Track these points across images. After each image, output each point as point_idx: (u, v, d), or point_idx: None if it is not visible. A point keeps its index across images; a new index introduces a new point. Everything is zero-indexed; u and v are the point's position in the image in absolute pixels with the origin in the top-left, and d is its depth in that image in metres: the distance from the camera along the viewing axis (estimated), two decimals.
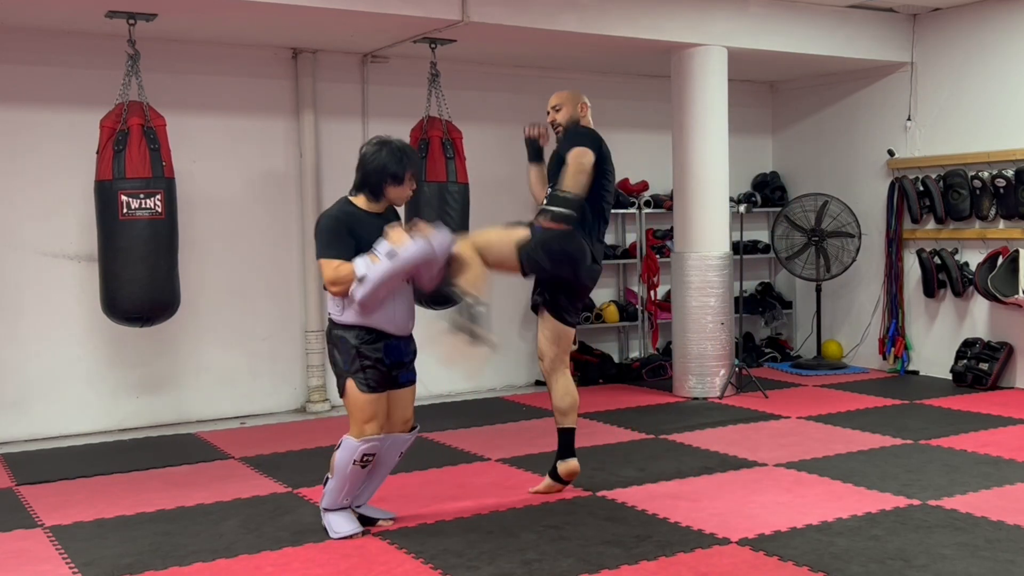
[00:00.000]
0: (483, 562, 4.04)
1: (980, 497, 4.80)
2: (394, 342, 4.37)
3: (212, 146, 7.13)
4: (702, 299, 7.60)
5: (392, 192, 4.37)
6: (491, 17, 6.48)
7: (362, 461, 4.33)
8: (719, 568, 3.93)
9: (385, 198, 4.37)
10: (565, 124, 5.08)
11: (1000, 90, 7.77)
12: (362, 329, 4.28)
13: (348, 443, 4.32)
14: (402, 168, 4.33)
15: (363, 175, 4.36)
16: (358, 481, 4.40)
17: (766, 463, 5.57)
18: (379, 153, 4.33)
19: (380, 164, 4.31)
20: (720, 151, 7.64)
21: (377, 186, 4.34)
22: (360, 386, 4.29)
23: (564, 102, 5.11)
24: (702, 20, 7.41)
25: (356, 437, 4.31)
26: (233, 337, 7.30)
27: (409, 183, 4.39)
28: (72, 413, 6.76)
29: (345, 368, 4.30)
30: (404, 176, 4.34)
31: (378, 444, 4.34)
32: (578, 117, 5.09)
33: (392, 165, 4.31)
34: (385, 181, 4.32)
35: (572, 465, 4.97)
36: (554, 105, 5.13)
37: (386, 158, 4.31)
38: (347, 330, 4.28)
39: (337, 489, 4.37)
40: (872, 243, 8.69)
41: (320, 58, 7.51)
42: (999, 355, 7.70)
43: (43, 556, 4.28)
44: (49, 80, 6.65)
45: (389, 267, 4.17)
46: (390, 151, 4.33)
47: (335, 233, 4.26)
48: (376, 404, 4.32)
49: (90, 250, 6.39)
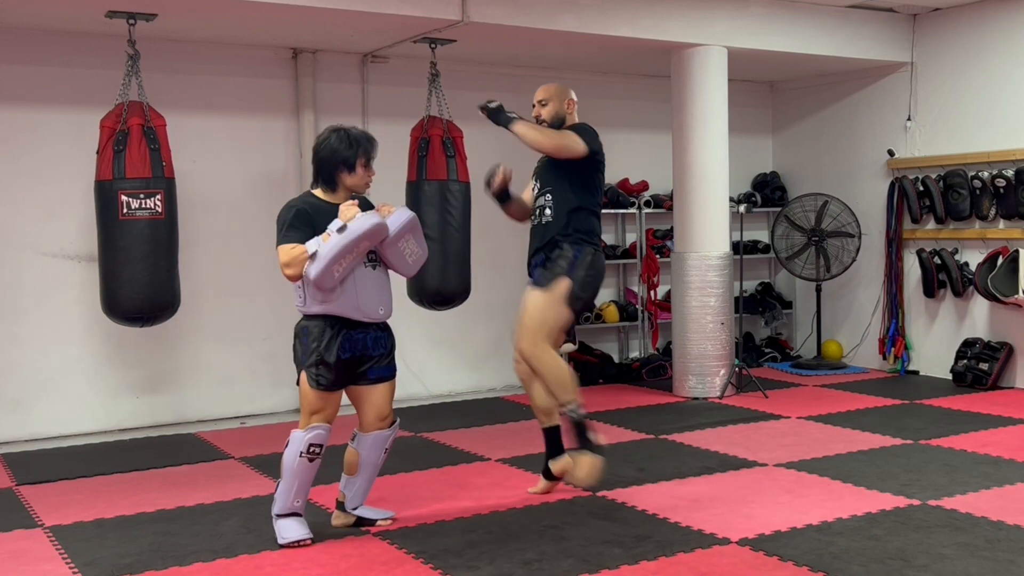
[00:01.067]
0: (483, 562, 4.04)
1: (980, 497, 4.80)
2: (359, 334, 4.30)
3: (212, 146, 7.13)
4: (702, 299, 7.60)
5: (347, 180, 4.32)
6: (491, 17, 6.48)
7: (309, 453, 4.27)
8: (719, 568, 3.93)
9: (342, 186, 4.33)
10: (550, 120, 4.91)
11: (1000, 90, 7.77)
12: (325, 320, 4.24)
13: (294, 435, 4.30)
14: (352, 153, 4.28)
15: (316, 164, 4.35)
16: (307, 478, 4.34)
17: (766, 463, 5.57)
18: (328, 140, 4.31)
19: (330, 151, 4.29)
20: (720, 151, 7.64)
21: (330, 175, 4.31)
22: (311, 381, 4.26)
23: (551, 97, 4.94)
24: (702, 20, 7.41)
25: (302, 428, 4.29)
26: (233, 337, 7.30)
27: (364, 170, 4.33)
28: (72, 413, 6.76)
29: (302, 360, 4.28)
30: (355, 162, 4.29)
31: (323, 434, 4.30)
32: (564, 114, 4.94)
33: (342, 151, 4.27)
34: (337, 169, 4.29)
35: (565, 462, 4.85)
36: (540, 99, 4.96)
37: (335, 143, 4.28)
38: (311, 320, 4.27)
39: (287, 489, 4.31)
40: (872, 243, 8.69)
41: (320, 58, 7.51)
42: (999, 355, 7.70)
43: (43, 556, 4.28)
44: (49, 80, 6.65)
45: (339, 241, 4.11)
46: (339, 138, 4.29)
47: (293, 220, 4.23)
48: (325, 400, 4.30)
49: (90, 250, 6.40)
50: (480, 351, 8.26)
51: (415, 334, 7.93)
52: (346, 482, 4.54)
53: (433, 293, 6.74)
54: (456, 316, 7.73)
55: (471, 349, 8.18)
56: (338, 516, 4.60)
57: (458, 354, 8.14)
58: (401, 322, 7.90)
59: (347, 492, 4.55)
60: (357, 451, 4.48)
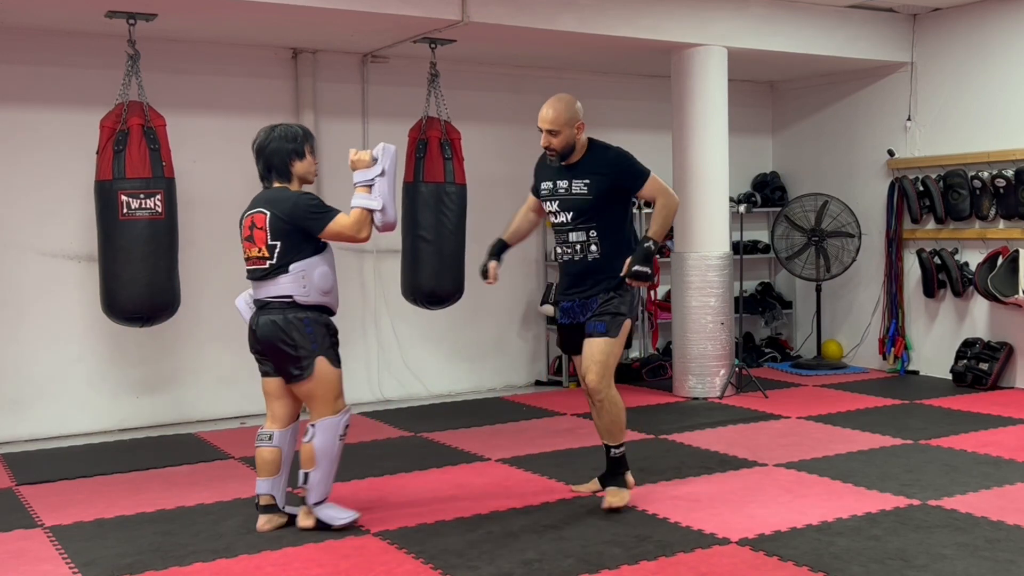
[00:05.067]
0: (483, 562, 4.04)
1: (980, 497, 4.80)
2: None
3: (212, 146, 7.13)
4: (702, 299, 7.60)
5: (299, 168, 4.47)
6: (491, 17, 6.48)
7: (343, 434, 4.47)
8: (719, 568, 3.93)
9: (295, 176, 4.48)
10: (561, 150, 4.62)
11: (1000, 90, 7.77)
12: (323, 310, 4.43)
13: (328, 423, 4.40)
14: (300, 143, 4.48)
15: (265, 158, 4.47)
16: (339, 459, 4.51)
17: (766, 463, 5.57)
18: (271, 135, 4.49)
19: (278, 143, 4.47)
20: (720, 151, 7.64)
21: (284, 165, 4.45)
22: (333, 362, 4.41)
23: (561, 127, 4.57)
24: (702, 20, 7.41)
25: (332, 414, 4.41)
26: (233, 337, 7.27)
27: (311, 156, 4.51)
28: (72, 413, 6.76)
29: (314, 348, 4.36)
30: (303, 149, 4.48)
31: (350, 415, 4.53)
32: (575, 140, 4.63)
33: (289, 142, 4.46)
34: (289, 157, 4.45)
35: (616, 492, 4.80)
36: (549, 129, 4.59)
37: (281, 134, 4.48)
38: (310, 311, 4.39)
39: (325, 476, 4.44)
40: (872, 243, 8.69)
41: (320, 58, 7.51)
42: (999, 355, 7.70)
43: (43, 556, 4.28)
44: (49, 80, 6.65)
45: (389, 180, 4.39)
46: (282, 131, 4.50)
47: (322, 201, 4.45)
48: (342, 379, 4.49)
49: (90, 250, 6.40)
50: (480, 351, 8.25)
51: (415, 334, 7.94)
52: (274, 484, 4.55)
53: (428, 293, 6.80)
54: (456, 316, 7.73)
55: (471, 349, 8.18)
56: (272, 520, 4.53)
57: (458, 354, 8.14)
58: (401, 322, 7.96)
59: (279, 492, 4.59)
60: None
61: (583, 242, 4.68)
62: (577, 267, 4.73)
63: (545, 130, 4.62)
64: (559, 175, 4.73)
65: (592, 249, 4.67)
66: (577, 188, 4.67)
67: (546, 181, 4.80)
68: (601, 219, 4.66)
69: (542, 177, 4.85)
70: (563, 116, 4.59)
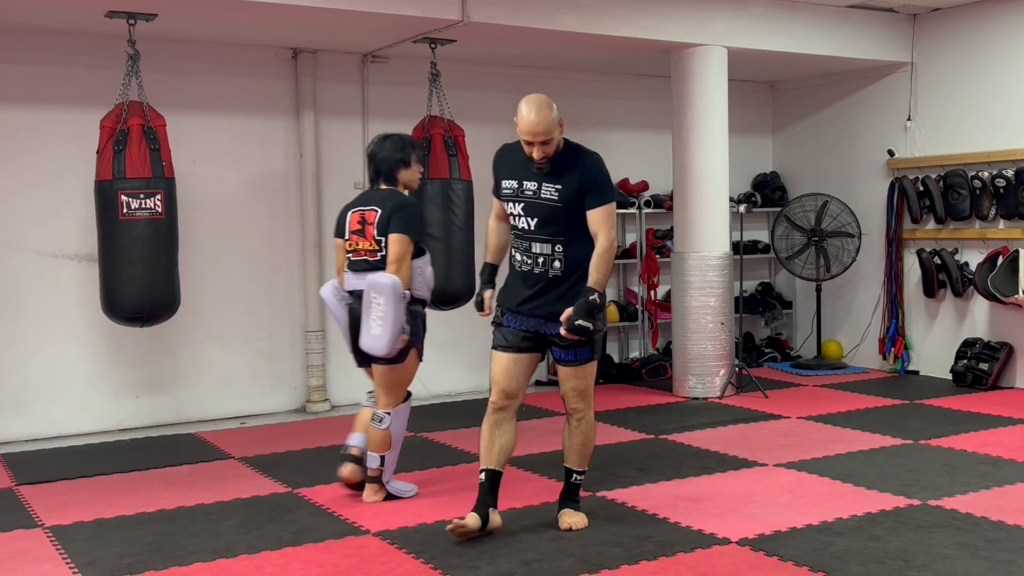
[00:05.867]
0: (483, 562, 4.04)
1: (980, 497, 4.80)
2: None
3: (212, 146, 7.13)
4: (702, 299, 7.60)
5: (404, 175, 4.90)
6: (491, 17, 6.48)
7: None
8: (719, 568, 3.93)
9: (400, 182, 4.90)
10: (552, 155, 4.22)
11: (1000, 90, 7.77)
12: (422, 303, 4.89)
13: (401, 409, 4.87)
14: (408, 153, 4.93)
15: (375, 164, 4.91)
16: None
17: (766, 463, 5.57)
18: (384, 143, 4.92)
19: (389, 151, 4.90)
20: (720, 151, 7.64)
21: (390, 172, 4.88)
22: (420, 355, 4.89)
23: (551, 130, 4.14)
24: (702, 20, 7.41)
25: (403, 400, 4.88)
26: (233, 337, 7.30)
27: (417, 164, 4.97)
28: (72, 413, 6.76)
29: (415, 340, 4.77)
30: (410, 158, 4.92)
31: None
32: (559, 140, 4.25)
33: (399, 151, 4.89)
34: (396, 166, 4.87)
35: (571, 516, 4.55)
36: (542, 140, 4.14)
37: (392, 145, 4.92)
38: (413, 304, 4.77)
39: (396, 455, 4.92)
40: (872, 243, 8.69)
41: (320, 58, 7.51)
42: (999, 355, 7.70)
43: (43, 556, 4.28)
44: (49, 80, 6.65)
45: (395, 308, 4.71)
46: (393, 141, 4.93)
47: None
48: None
49: (90, 250, 6.40)
50: (480, 352, 8.23)
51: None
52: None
53: (439, 293, 6.73)
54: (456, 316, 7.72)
55: (471, 350, 8.17)
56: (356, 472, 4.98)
57: (458, 354, 8.13)
58: None
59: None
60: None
61: (547, 255, 4.25)
62: (534, 280, 4.29)
63: (537, 143, 4.15)
64: (526, 174, 4.27)
65: (556, 265, 4.24)
66: (547, 192, 4.22)
67: (510, 179, 4.33)
68: (568, 231, 4.22)
69: (504, 174, 4.37)
70: (544, 120, 4.14)
